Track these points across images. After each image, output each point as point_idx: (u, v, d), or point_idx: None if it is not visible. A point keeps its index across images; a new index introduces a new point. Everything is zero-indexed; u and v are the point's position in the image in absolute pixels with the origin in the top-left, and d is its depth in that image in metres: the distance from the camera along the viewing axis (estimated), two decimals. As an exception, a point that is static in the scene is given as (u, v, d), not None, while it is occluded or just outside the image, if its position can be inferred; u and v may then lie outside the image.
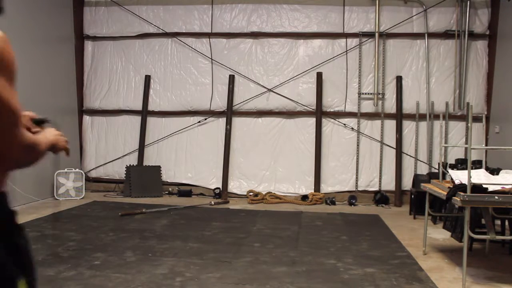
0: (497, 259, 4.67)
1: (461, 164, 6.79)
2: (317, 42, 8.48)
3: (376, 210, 7.54)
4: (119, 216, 6.39)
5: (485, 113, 7.83)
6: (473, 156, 6.37)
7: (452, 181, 4.26)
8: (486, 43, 8.11)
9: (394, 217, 6.92)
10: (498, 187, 3.81)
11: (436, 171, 6.71)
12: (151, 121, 8.77)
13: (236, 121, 8.59)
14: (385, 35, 8.23)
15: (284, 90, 8.42)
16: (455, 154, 7.96)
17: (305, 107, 8.37)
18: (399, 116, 8.20)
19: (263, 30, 8.53)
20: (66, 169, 7.90)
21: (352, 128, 8.32)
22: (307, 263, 4.42)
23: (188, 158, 8.67)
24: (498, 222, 4.95)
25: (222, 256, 4.59)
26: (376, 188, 8.22)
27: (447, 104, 8.12)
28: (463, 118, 8.06)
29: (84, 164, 8.91)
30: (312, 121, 8.35)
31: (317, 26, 8.43)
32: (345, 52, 8.33)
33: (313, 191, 8.14)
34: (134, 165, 8.50)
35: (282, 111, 8.50)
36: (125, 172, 8.32)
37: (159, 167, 8.56)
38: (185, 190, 8.42)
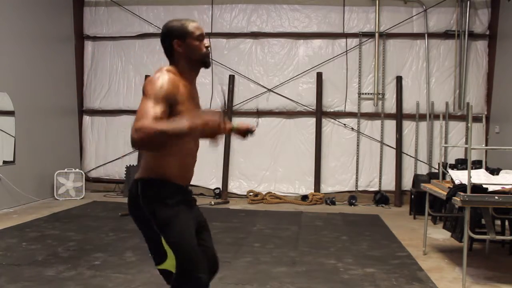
0: (497, 259, 4.67)
1: (461, 164, 6.78)
2: (317, 42, 8.47)
3: (376, 210, 7.54)
4: (119, 216, 6.38)
5: (485, 113, 7.82)
6: (473, 156, 6.37)
7: (452, 181, 4.25)
8: (486, 43, 8.10)
9: (394, 217, 6.92)
10: (498, 187, 3.80)
11: (436, 171, 6.71)
12: (151, 121, 8.75)
13: (236, 121, 8.56)
14: (385, 35, 8.23)
15: (284, 90, 8.42)
16: (455, 154, 7.95)
17: (305, 107, 8.37)
18: (399, 116, 8.20)
19: (263, 30, 8.53)
20: (66, 169, 7.90)
21: (352, 128, 8.32)
22: (307, 263, 4.42)
23: (188, 158, 8.65)
24: (498, 222, 4.95)
25: (222, 256, 4.54)
26: (376, 188, 8.22)
27: (447, 104, 8.12)
28: (463, 118, 8.06)
29: (84, 164, 8.91)
30: (312, 121, 8.35)
31: (317, 26, 8.43)
32: (345, 52, 8.33)
33: (313, 191, 8.14)
34: (134, 165, 8.48)
35: (282, 111, 8.49)
36: (125, 172, 8.32)
37: (159, 167, 8.54)
38: (185, 190, 8.40)
